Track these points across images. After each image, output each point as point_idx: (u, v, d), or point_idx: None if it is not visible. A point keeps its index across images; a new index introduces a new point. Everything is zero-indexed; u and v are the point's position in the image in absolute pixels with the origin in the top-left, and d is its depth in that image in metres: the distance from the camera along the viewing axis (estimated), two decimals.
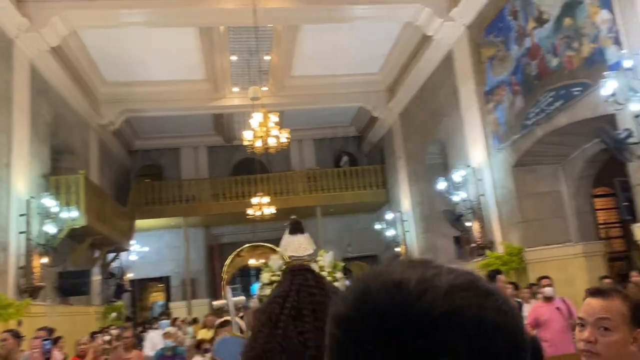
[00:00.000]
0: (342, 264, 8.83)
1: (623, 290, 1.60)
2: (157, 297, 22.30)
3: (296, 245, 8.35)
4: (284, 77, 14.37)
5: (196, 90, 14.64)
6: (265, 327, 1.27)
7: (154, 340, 7.18)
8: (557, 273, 8.13)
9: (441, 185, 11.12)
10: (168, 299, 18.02)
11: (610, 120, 6.75)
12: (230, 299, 3.13)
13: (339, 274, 8.27)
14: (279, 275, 7.93)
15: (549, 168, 9.20)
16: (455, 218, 11.33)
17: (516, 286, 7.37)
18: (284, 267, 8.12)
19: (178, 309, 16.56)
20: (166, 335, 6.12)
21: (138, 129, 17.61)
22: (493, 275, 5.41)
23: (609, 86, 5.52)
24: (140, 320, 17.53)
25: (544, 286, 5.76)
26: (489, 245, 9.93)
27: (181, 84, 14.35)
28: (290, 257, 8.30)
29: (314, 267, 8.13)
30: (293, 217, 9.16)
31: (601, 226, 10.27)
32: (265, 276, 8.18)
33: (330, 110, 16.90)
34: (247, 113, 13.11)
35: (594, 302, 1.51)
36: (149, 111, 15.19)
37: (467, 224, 10.70)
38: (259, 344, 1.23)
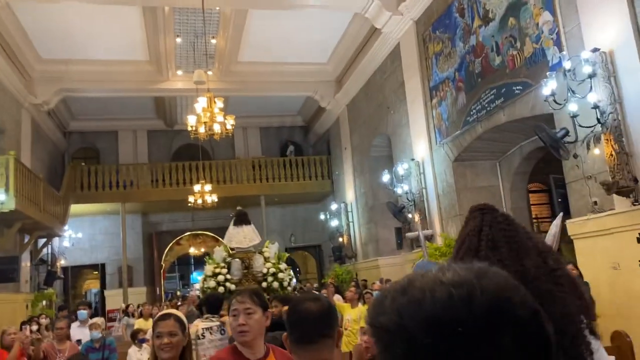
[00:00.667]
0: (286, 255, 8.69)
1: None
2: (91, 285, 21.55)
3: (241, 237, 8.13)
4: (230, 62, 14.08)
5: (138, 72, 14.11)
6: (467, 255, 1.33)
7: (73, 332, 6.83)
8: None
9: (385, 177, 11.25)
10: (103, 286, 17.41)
11: (547, 119, 7.00)
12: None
13: (283, 265, 8.16)
14: (223, 267, 7.72)
15: (487, 163, 9.49)
16: (398, 210, 11.51)
17: None
18: (228, 258, 7.89)
19: (113, 297, 16.06)
20: (93, 326, 5.86)
21: (74, 110, 16.82)
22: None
23: (549, 86, 5.72)
24: (73, 308, 16.89)
25: None
26: (428, 237, 10.14)
27: (122, 65, 13.80)
28: (234, 248, 8.05)
29: (259, 258, 7.95)
30: (239, 208, 8.94)
31: (534, 220, 10.69)
32: (208, 268, 7.94)
33: (277, 98, 16.74)
34: (191, 97, 12.80)
35: None
36: (87, 91, 14.51)
37: (409, 215, 10.89)
38: None
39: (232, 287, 7.30)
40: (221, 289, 7.16)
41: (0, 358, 5.77)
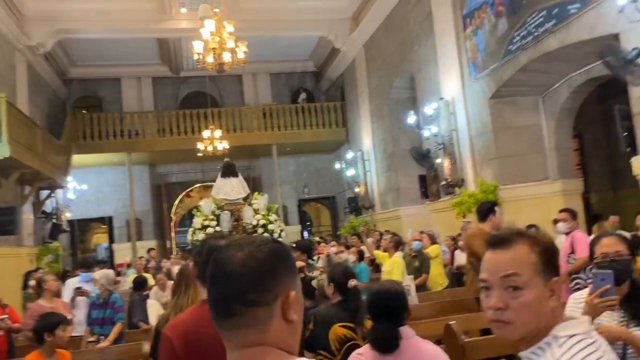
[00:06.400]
0: (276, 206, 8.18)
1: (529, 233, 1.19)
2: (100, 239, 21.07)
3: (228, 189, 7.58)
4: None
5: (139, 10, 13.05)
6: None
7: (70, 287, 6.14)
8: (534, 212, 7.63)
9: (411, 119, 10.31)
10: (111, 240, 16.85)
11: (608, 42, 6.00)
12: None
13: (273, 216, 7.60)
14: (212, 220, 7.24)
15: (529, 100, 8.50)
16: (423, 155, 10.64)
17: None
18: (217, 211, 7.40)
19: (122, 250, 15.50)
20: (93, 280, 5.15)
21: (74, 55, 15.83)
22: (490, 207, 4.68)
23: None
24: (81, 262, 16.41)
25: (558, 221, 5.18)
26: (459, 183, 9.29)
27: (121, 2, 12.73)
28: (222, 200, 7.56)
29: (248, 210, 7.39)
30: (226, 159, 8.31)
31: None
32: (197, 221, 7.43)
33: (287, 40, 15.61)
34: (196, 39, 11.74)
35: (496, 256, 1.16)
36: (85, 32, 13.46)
37: (437, 160, 10.02)
38: None
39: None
40: None
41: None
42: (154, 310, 6.26)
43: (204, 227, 7.22)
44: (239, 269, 0.96)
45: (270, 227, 7.51)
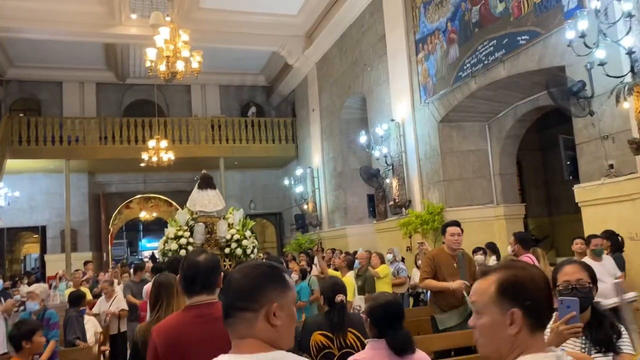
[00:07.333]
0: (252, 222, 8.09)
1: (512, 265, 1.36)
2: (30, 249, 19.96)
3: (205, 201, 7.41)
4: (191, 8, 12.74)
5: (86, 13, 12.57)
6: None
7: None
8: (478, 234, 7.81)
9: (362, 139, 10.39)
10: (44, 251, 15.97)
11: (555, 74, 6.28)
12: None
13: (248, 232, 7.47)
14: (185, 230, 7.06)
15: (476, 125, 8.77)
16: (372, 175, 10.73)
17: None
18: (191, 222, 7.24)
19: (55, 262, 14.70)
20: (30, 295, 4.79)
21: (12, 55, 15.06)
22: (443, 228, 4.72)
23: (579, 26, 4.92)
24: (9, 274, 15.45)
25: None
26: (407, 204, 9.42)
27: (68, 3, 12.23)
28: (198, 212, 7.39)
29: (223, 223, 7.25)
30: (204, 171, 8.14)
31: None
32: (170, 230, 7.21)
33: (239, 53, 15.48)
34: (146, 46, 11.40)
35: (475, 285, 1.38)
36: (25, 32, 12.80)
37: (386, 181, 10.13)
38: None
39: None
40: (183, 252, 6.54)
41: None
42: (91, 327, 5.95)
43: (177, 237, 6.99)
44: (234, 285, 1.34)
45: (244, 242, 7.35)
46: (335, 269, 6.07)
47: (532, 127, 9.49)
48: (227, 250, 7.11)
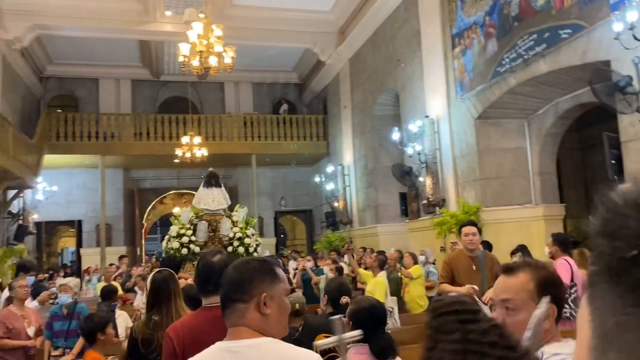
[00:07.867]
0: (255, 220, 8.07)
1: (535, 263, 1.45)
2: (67, 243, 20.42)
3: (210, 199, 7.38)
4: (224, 5, 12.78)
5: (122, 10, 12.74)
6: None
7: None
8: (515, 235, 7.56)
9: (395, 136, 10.21)
10: (79, 244, 16.29)
11: (598, 68, 5.99)
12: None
13: (250, 230, 7.44)
14: (188, 229, 7.10)
15: (515, 123, 8.49)
16: (404, 173, 10.55)
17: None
18: (195, 220, 7.26)
19: (90, 255, 14.98)
20: (62, 287, 4.81)
21: (51, 52, 15.39)
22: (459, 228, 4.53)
23: (627, 17, 4.65)
24: (47, 266, 15.82)
25: None
26: (441, 203, 9.20)
27: (105, 1, 12.42)
28: (203, 210, 7.39)
29: (226, 221, 7.24)
30: (211, 169, 8.12)
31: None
32: (173, 229, 7.24)
33: (272, 51, 15.47)
34: (179, 43, 11.46)
35: (500, 281, 1.45)
36: (64, 29, 13.07)
37: (419, 179, 9.92)
38: None
39: (197, 249, 6.89)
40: (185, 251, 6.58)
41: None
42: (122, 321, 5.96)
43: (180, 236, 7.00)
44: (228, 279, 1.48)
45: (246, 240, 7.32)
46: (366, 268, 5.94)
47: (571, 125, 9.16)
48: (229, 248, 7.14)
